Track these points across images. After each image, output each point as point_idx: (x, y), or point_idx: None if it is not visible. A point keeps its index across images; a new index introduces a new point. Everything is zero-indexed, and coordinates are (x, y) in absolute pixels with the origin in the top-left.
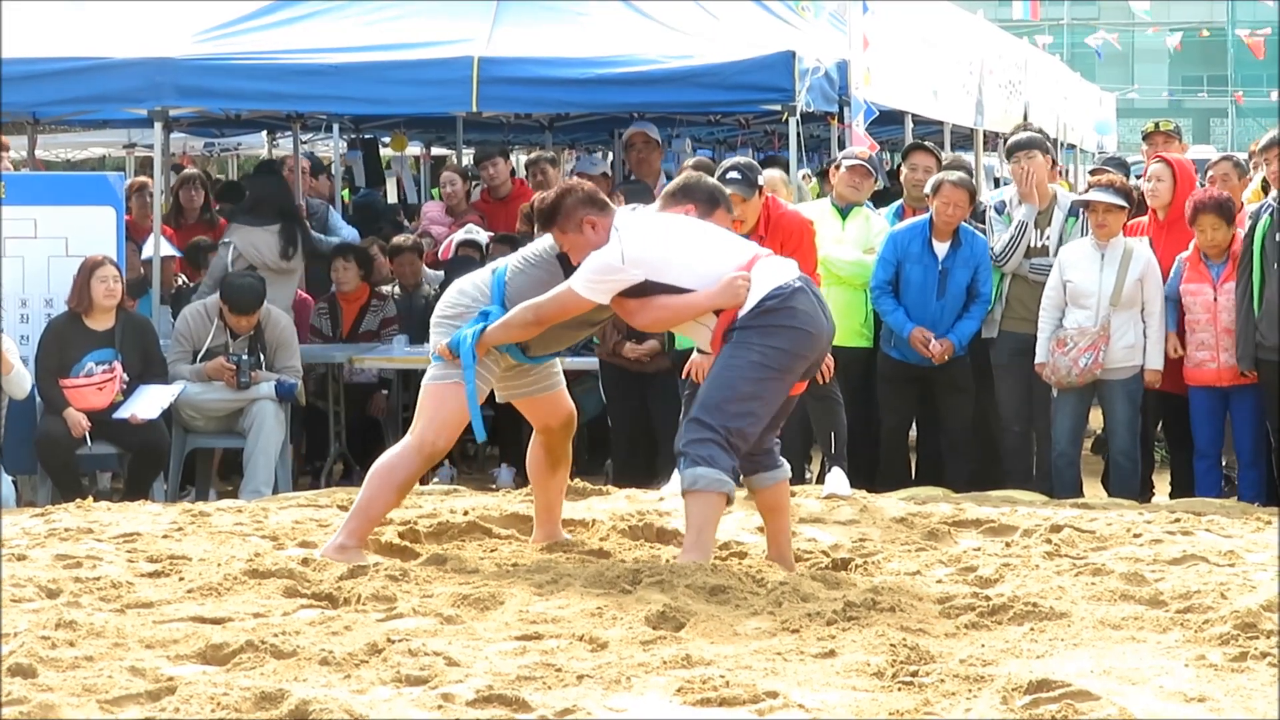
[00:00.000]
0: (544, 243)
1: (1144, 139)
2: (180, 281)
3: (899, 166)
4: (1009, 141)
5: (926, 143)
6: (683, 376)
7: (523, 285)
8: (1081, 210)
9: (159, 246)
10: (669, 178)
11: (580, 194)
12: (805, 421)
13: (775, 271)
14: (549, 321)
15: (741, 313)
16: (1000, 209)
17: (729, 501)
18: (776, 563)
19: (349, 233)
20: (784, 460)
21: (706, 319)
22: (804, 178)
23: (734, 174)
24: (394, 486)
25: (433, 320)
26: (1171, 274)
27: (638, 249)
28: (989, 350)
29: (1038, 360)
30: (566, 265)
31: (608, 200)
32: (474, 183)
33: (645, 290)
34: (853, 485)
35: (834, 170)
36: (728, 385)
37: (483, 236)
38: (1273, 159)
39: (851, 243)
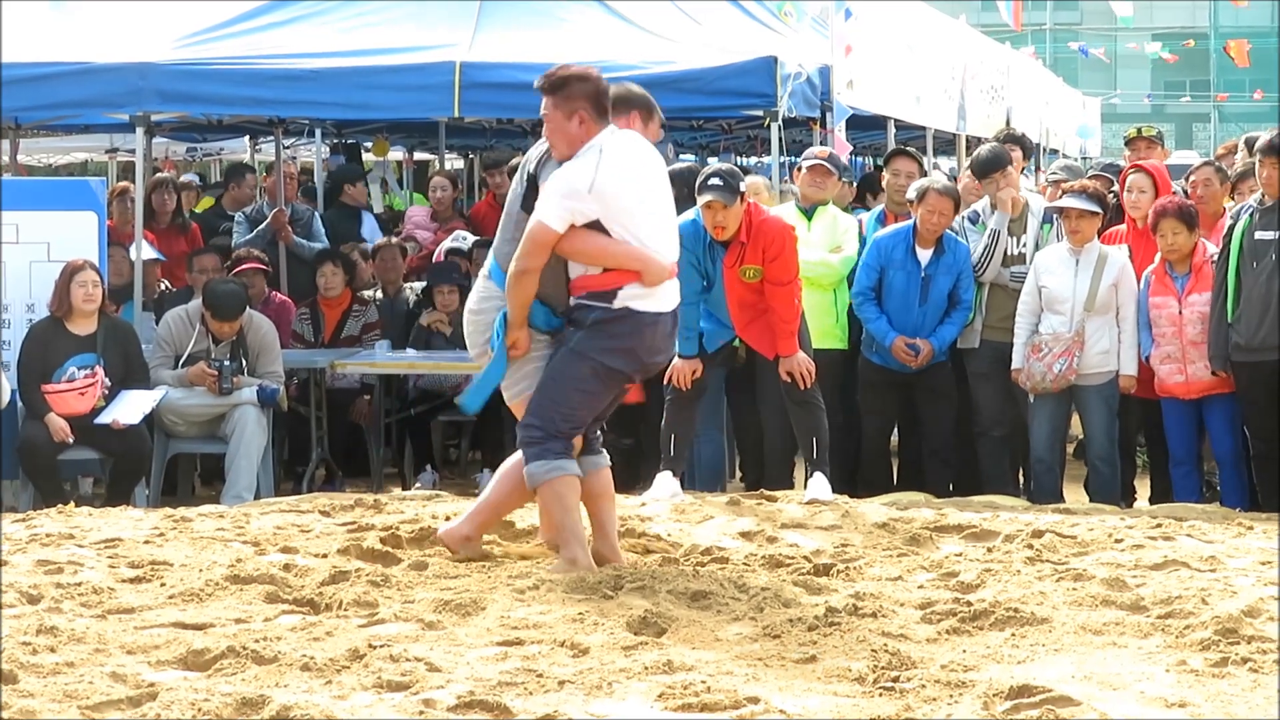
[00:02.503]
0: (509, 211)
1: (1126, 144)
2: (163, 286)
3: (879, 171)
4: (976, 162)
5: (909, 148)
6: (665, 382)
7: (509, 254)
8: (1055, 216)
9: (140, 251)
10: None
11: (590, 86)
12: (788, 426)
13: (670, 293)
14: (533, 263)
15: (596, 307)
16: (974, 219)
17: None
18: (604, 556)
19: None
20: (604, 450)
21: (594, 268)
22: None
23: (715, 180)
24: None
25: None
26: (1139, 295)
27: (607, 182)
28: (967, 359)
29: (1014, 366)
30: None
31: (608, 109)
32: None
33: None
34: (834, 490)
35: (796, 172)
36: (559, 396)
37: (469, 244)
38: (1271, 164)
39: (818, 243)
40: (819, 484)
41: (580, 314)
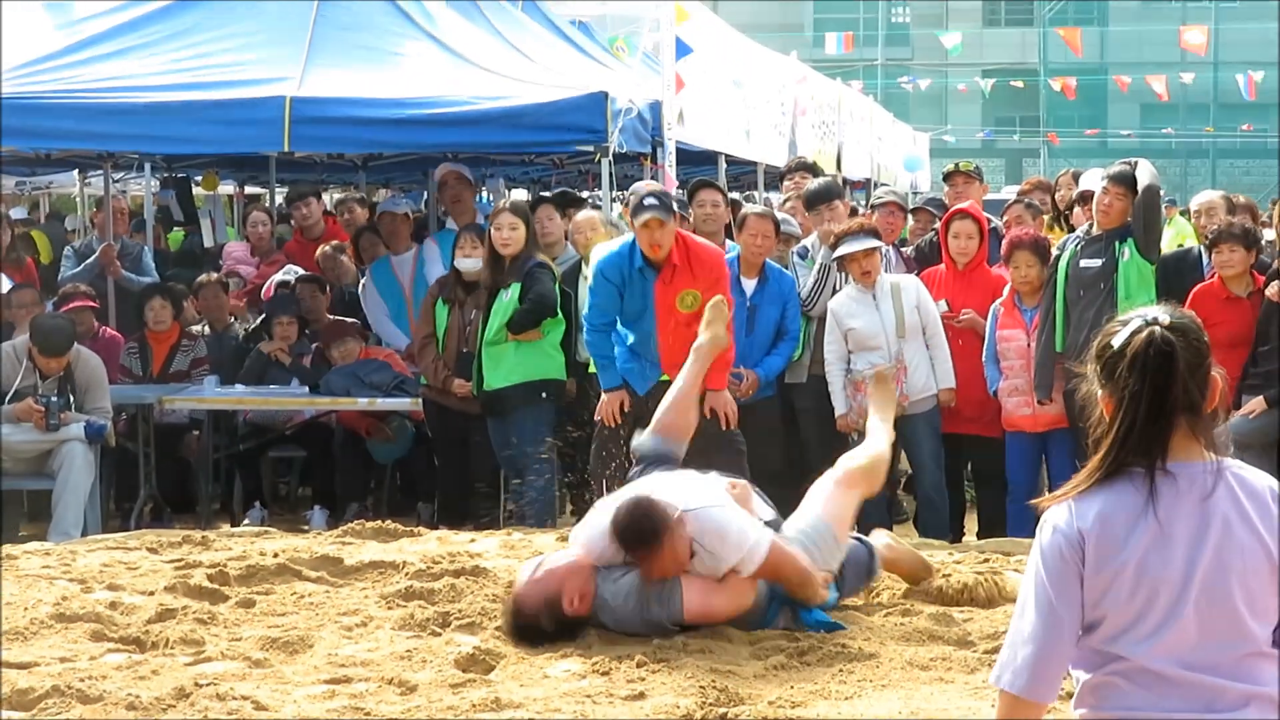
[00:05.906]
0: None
1: (945, 179)
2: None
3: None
4: (807, 194)
5: (712, 180)
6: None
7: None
8: (891, 249)
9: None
10: (485, 217)
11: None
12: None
13: None
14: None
15: None
16: (804, 254)
17: None
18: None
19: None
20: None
21: None
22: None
23: (650, 200)
24: None
25: None
26: (987, 332)
27: None
28: (795, 394)
29: (838, 413)
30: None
31: None
32: (279, 223)
33: None
34: None
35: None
36: None
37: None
38: (1115, 193)
39: None
40: None
41: None
